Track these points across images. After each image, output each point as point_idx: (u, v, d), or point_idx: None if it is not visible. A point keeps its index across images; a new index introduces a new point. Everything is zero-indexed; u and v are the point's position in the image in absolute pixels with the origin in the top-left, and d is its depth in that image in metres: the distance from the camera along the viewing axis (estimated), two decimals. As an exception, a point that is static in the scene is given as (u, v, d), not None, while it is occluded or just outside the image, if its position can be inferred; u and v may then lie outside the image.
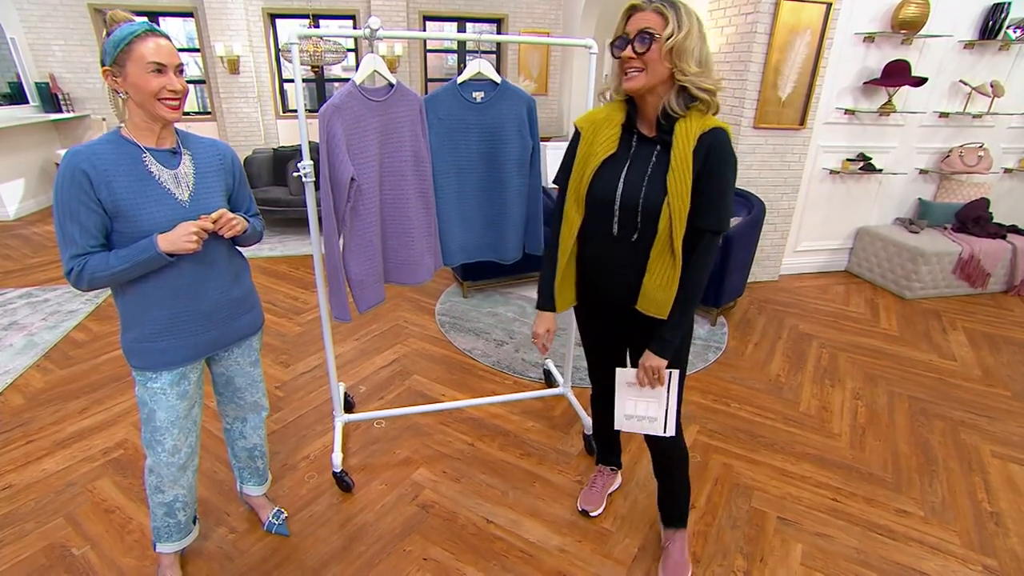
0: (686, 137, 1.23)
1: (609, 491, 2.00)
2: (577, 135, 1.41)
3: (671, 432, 1.50)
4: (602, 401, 1.81)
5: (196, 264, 1.34)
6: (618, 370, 1.50)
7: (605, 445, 1.98)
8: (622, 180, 1.32)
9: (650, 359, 1.41)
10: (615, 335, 1.59)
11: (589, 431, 2.23)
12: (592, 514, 1.91)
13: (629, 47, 1.21)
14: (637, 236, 1.33)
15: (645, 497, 2.00)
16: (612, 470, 2.02)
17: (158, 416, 1.41)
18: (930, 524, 1.93)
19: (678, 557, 1.68)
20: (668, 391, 1.46)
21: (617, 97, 1.35)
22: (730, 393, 2.67)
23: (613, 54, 1.25)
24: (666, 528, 1.75)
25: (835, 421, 2.49)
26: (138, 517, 1.86)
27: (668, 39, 1.16)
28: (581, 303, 1.58)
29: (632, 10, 1.21)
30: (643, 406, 1.49)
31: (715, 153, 1.24)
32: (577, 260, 1.49)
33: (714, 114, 1.28)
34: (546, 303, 1.54)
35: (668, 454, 1.62)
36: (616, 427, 1.53)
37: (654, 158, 1.29)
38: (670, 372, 1.44)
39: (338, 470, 1.98)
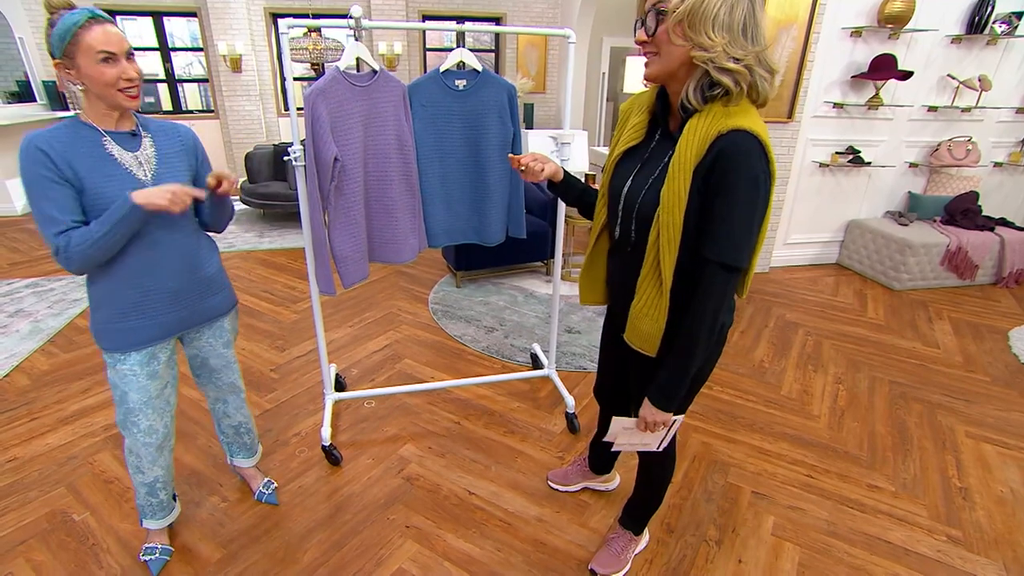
0: (693, 138, 1.00)
1: (585, 485, 1.97)
2: (616, 119, 1.30)
3: (662, 448, 1.38)
4: (599, 392, 1.71)
5: (163, 243, 1.36)
6: (614, 419, 1.33)
7: (597, 456, 1.90)
8: (632, 177, 1.16)
9: (651, 413, 1.21)
10: (623, 356, 1.35)
11: (572, 410, 2.30)
12: (552, 485, 1.96)
13: (642, 29, 1.03)
14: (632, 247, 1.18)
15: (625, 472, 2.07)
16: (593, 472, 1.95)
17: (130, 397, 1.44)
18: (900, 498, 1.99)
19: (615, 552, 1.65)
20: (669, 427, 1.30)
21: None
22: (713, 377, 2.73)
23: (634, 36, 1.06)
24: (620, 524, 1.71)
25: (815, 404, 2.55)
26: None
27: (676, 9, 0.95)
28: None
29: None
30: (639, 438, 1.33)
31: (723, 162, 0.97)
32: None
33: (760, 104, 1.02)
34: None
35: (659, 464, 1.52)
36: (607, 440, 1.39)
37: (667, 159, 1.08)
38: (674, 420, 1.26)
39: (327, 444, 2.05)
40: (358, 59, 1.77)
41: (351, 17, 1.68)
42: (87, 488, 1.93)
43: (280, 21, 2.00)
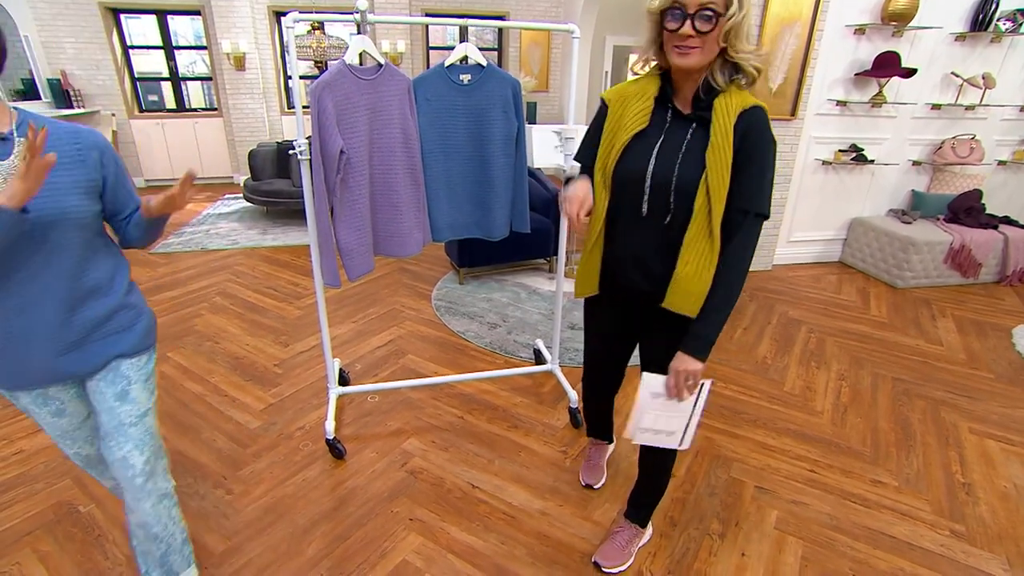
0: (726, 113, 1.16)
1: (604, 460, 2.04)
2: (604, 109, 1.31)
3: (687, 446, 1.37)
4: (594, 386, 1.75)
5: (29, 275, 1.07)
6: (644, 375, 1.31)
7: (598, 423, 1.94)
8: (654, 156, 1.22)
9: (685, 362, 1.24)
10: (624, 329, 1.47)
11: (575, 404, 2.30)
12: (596, 487, 1.96)
13: (688, 23, 1.10)
14: (670, 218, 1.24)
15: (628, 467, 2.07)
16: (607, 444, 2.05)
17: (46, 429, 1.29)
18: (903, 493, 1.99)
19: (620, 545, 1.66)
20: (696, 401, 1.30)
21: (652, 70, 1.25)
22: (716, 373, 2.73)
23: (666, 25, 1.13)
24: (625, 517, 1.71)
25: (818, 400, 2.55)
26: (141, 480, 1.95)
27: (730, 19, 1.09)
28: (600, 290, 1.45)
29: None
30: (664, 420, 1.32)
31: (755, 131, 1.16)
32: (604, 244, 1.39)
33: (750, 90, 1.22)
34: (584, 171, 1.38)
35: (662, 453, 1.50)
36: (628, 437, 1.36)
37: (689, 135, 1.21)
38: (702, 383, 1.29)
39: (331, 437, 2.06)
40: (362, 53, 1.77)
41: (357, 11, 1.69)
42: (92, 480, 1.94)
43: (284, 16, 1.99)
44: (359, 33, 1.73)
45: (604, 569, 1.63)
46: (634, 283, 1.35)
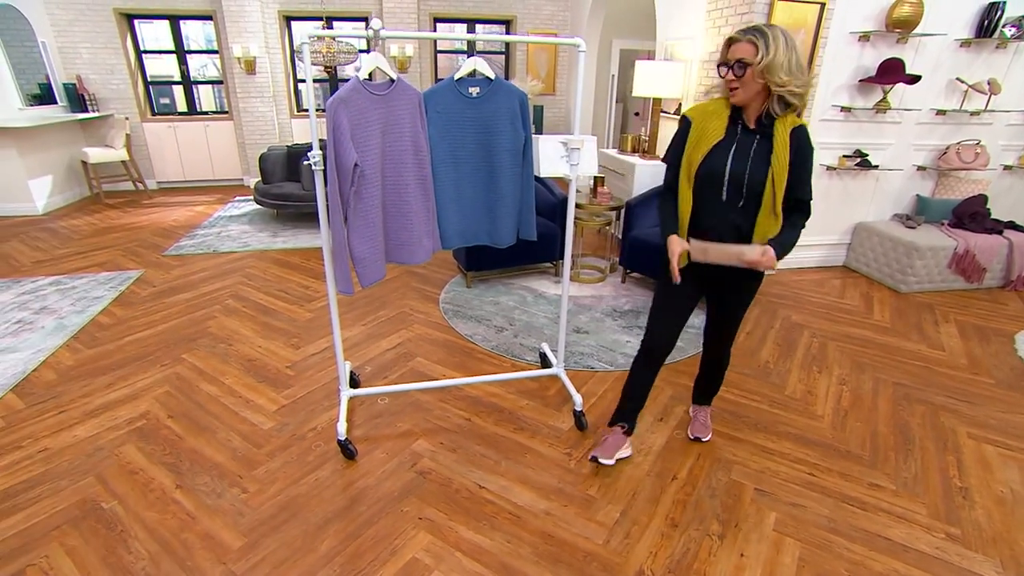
0: (784, 131, 1.65)
1: (619, 455, 2.10)
2: (688, 124, 1.76)
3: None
4: (658, 350, 2.02)
5: None
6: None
7: (637, 398, 2.09)
8: (730, 159, 1.69)
9: (771, 258, 1.82)
10: (693, 291, 1.94)
11: (579, 408, 2.36)
12: (602, 461, 2.02)
13: (730, 72, 1.61)
14: (743, 202, 1.73)
15: (631, 468, 2.13)
16: (624, 433, 2.11)
17: None
18: (900, 497, 2.03)
19: (704, 420, 2.33)
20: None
21: (721, 97, 1.73)
22: (718, 377, 2.77)
23: (719, 73, 1.66)
24: (696, 405, 2.36)
25: (819, 404, 2.59)
26: (159, 478, 2.03)
27: (759, 64, 1.54)
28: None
29: (731, 41, 1.62)
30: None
31: (804, 144, 1.68)
32: (691, 227, 1.82)
33: (799, 114, 1.67)
34: (674, 227, 1.83)
35: (727, 357, 2.19)
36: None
37: (755, 145, 1.68)
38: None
39: (342, 438, 2.13)
40: (374, 69, 1.84)
41: (370, 29, 1.75)
42: (114, 478, 2.02)
43: (300, 29, 2.01)
44: (368, 51, 1.79)
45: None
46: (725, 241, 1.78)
